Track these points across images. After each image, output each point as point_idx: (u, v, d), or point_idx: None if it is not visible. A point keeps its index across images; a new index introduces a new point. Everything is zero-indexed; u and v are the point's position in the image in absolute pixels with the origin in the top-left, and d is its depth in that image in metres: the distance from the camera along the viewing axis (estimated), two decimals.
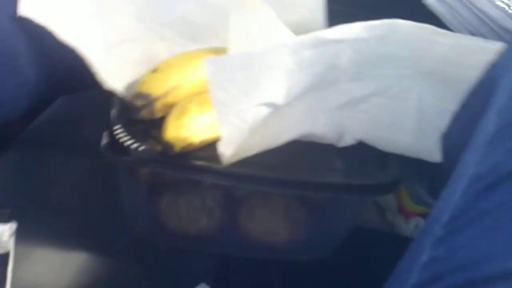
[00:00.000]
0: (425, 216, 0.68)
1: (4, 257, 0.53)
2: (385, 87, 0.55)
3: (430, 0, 0.65)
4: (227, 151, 0.51)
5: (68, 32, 0.52)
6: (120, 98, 0.56)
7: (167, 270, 0.62)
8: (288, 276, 0.64)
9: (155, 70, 0.56)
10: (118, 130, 0.53)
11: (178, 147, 0.52)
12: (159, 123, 0.54)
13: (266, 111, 0.51)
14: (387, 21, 0.50)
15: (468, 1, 0.63)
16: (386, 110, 0.56)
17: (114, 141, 0.52)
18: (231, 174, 0.53)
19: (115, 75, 0.55)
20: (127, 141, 0.52)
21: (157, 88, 0.55)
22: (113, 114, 0.54)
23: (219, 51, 0.56)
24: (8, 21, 0.53)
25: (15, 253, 0.53)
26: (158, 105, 0.55)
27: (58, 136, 0.73)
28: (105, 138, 0.53)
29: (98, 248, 0.62)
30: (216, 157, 0.52)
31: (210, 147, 0.53)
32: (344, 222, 0.64)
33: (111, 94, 0.56)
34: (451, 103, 0.54)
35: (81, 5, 0.55)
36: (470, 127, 0.45)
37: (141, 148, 0.52)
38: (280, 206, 0.62)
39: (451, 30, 0.63)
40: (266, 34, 0.51)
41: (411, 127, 0.56)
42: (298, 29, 0.53)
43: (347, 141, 0.57)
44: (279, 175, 0.54)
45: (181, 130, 0.52)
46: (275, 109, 0.52)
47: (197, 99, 0.54)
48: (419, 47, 0.52)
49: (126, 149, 0.52)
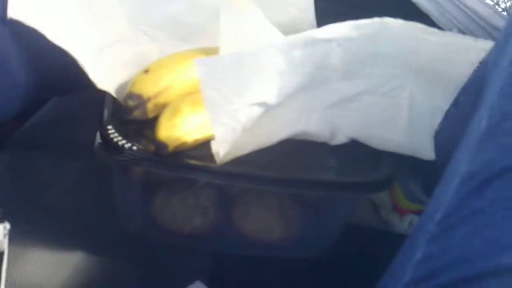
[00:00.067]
0: (419, 213, 0.68)
1: None
2: (375, 85, 0.55)
3: None
4: (221, 150, 0.52)
5: (59, 34, 0.52)
6: (112, 98, 0.56)
7: (162, 269, 0.61)
8: (282, 274, 0.64)
9: (146, 71, 0.56)
10: (111, 130, 0.52)
11: (171, 146, 0.52)
12: (151, 123, 0.54)
13: (258, 110, 0.52)
14: (376, 19, 0.50)
15: None
16: (378, 108, 0.56)
17: (107, 141, 0.52)
18: (225, 173, 0.53)
19: (106, 77, 0.56)
20: (121, 141, 0.52)
21: (148, 88, 0.55)
22: (105, 115, 0.54)
23: (210, 51, 0.56)
24: None
25: (9, 254, 0.53)
26: (150, 105, 0.55)
27: (51, 137, 0.73)
28: (98, 138, 0.53)
29: (92, 247, 0.62)
30: (210, 156, 0.52)
31: (203, 146, 0.53)
32: (338, 220, 0.64)
33: (103, 95, 0.56)
34: (442, 101, 0.54)
35: (72, 7, 0.55)
36: (461, 124, 0.45)
37: (134, 148, 0.52)
38: (274, 204, 0.62)
39: (440, 28, 0.64)
40: (255, 34, 0.51)
41: (403, 125, 0.56)
42: (288, 28, 0.53)
43: (340, 139, 0.58)
44: (273, 173, 0.54)
45: (174, 130, 0.52)
46: (267, 108, 0.52)
47: (189, 99, 0.54)
48: (409, 45, 0.52)
49: (120, 149, 0.52)
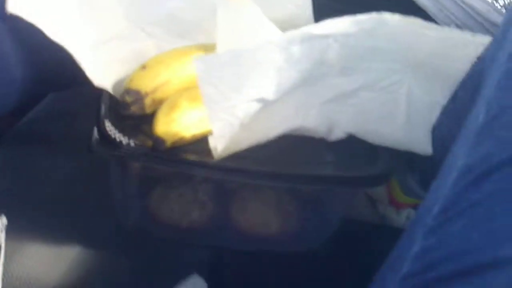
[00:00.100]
0: (416, 207, 0.69)
1: None
2: (373, 81, 0.55)
3: None
4: (218, 145, 0.52)
5: (56, 30, 0.52)
6: (110, 94, 0.56)
7: (160, 263, 0.62)
8: (280, 267, 0.64)
9: (144, 67, 0.56)
10: (108, 125, 0.52)
11: (169, 141, 0.52)
12: (149, 118, 0.54)
13: (256, 106, 0.52)
14: (374, 15, 0.50)
15: None
16: (375, 103, 0.56)
17: (105, 136, 0.52)
18: (223, 168, 0.53)
19: (103, 73, 0.55)
20: (118, 136, 0.52)
21: (146, 84, 0.55)
22: (103, 110, 0.54)
23: (207, 47, 0.56)
24: None
25: (6, 248, 0.53)
26: (147, 101, 0.55)
27: (48, 132, 0.73)
28: (95, 133, 0.53)
29: (90, 241, 0.62)
30: (208, 151, 0.52)
31: (201, 142, 0.53)
32: (335, 214, 0.65)
33: (100, 90, 0.56)
34: (440, 96, 0.54)
35: (69, 3, 0.55)
36: (459, 119, 0.45)
37: (132, 143, 0.52)
38: (271, 199, 0.63)
39: (437, 23, 0.64)
40: (252, 30, 0.51)
41: (401, 120, 0.56)
42: (286, 24, 0.53)
43: (337, 134, 0.58)
44: (270, 168, 0.54)
45: (172, 125, 0.52)
46: (265, 104, 0.52)
47: (187, 94, 0.54)
48: (407, 40, 0.52)
49: (117, 144, 0.52)
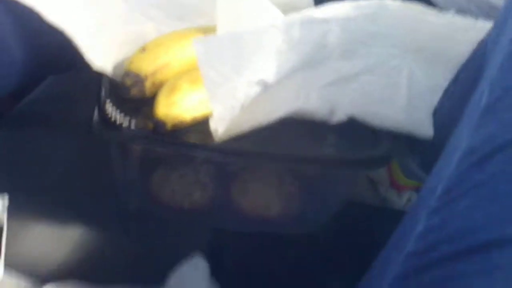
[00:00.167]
0: (417, 189, 0.68)
1: None
2: (374, 65, 0.54)
3: None
4: (219, 128, 0.52)
5: (56, 12, 0.52)
6: (110, 77, 0.56)
7: (161, 244, 0.62)
8: (281, 249, 0.64)
9: (143, 50, 0.56)
10: (109, 107, 0.52)
11: (169, 124, 0.52)
12: (149, 101, 0.54)
13: (256, 89, 0.51)
14: (375, 0, 0.49)
15: None
16: (376, 87, 0.56)
17: (106, 118, 0.52)
18: (223, 150, 0.53)
19: (103, 56, 0.55)
20: (119, 118, 0.52)
21: (146, 66, 0.55)
22: (103, 92, 0.54)
23: (207, 30, 0.56)
24: None
25: (8, 229, 0.53)
26: (148, 83, 0.55)
27: (49, 114, 0.73)
28: (96, 115, 0.53)
29: (91, 223, 0.62)
30: (208, 134, 0.52)
31: (201, 124, 0.53)
32: (336, 196, 0.65)
33: (100, 74, 0.55)
34: (441, 79, 0.54)
35: None
36: (460, 102, 0.45)
37: (133, 125, 0.51)
38: (272, 181, 0.63)
39: (438, 7, 0.63)
40: (254, 13, 0.51)
41: (402, 103, 0.56)
42: (287, 8, 0.53)
43: (338, 117, 0.57)
44: (272, 149, 0.54)
45: (172, 107, 0.52)
46: (266, 87, 0.52)
47: (187, 76, 0.54)
48: (408, 25, 0.51)
49: (118, 126, 0.52)
